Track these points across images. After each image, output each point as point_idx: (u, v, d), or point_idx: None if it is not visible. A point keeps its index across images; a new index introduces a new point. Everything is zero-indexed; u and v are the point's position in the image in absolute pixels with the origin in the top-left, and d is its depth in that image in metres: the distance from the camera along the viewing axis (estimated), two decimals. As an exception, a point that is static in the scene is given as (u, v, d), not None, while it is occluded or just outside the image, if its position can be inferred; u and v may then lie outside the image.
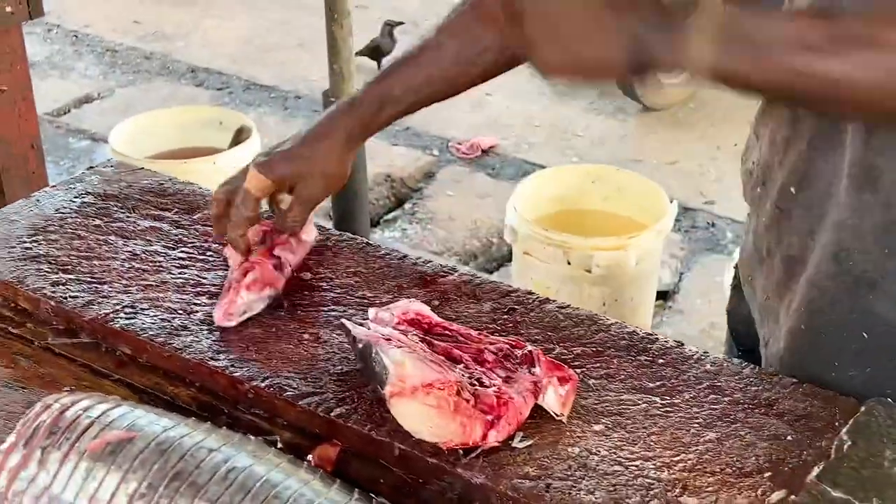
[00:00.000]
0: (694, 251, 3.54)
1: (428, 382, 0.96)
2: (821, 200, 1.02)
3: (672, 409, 1.03)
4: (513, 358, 1.05)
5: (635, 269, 2.40)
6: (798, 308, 1.06)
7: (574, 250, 2.38)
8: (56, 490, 0.86)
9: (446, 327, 1.09)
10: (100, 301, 1.18)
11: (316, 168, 1.21)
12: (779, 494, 0.92)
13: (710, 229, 3.66)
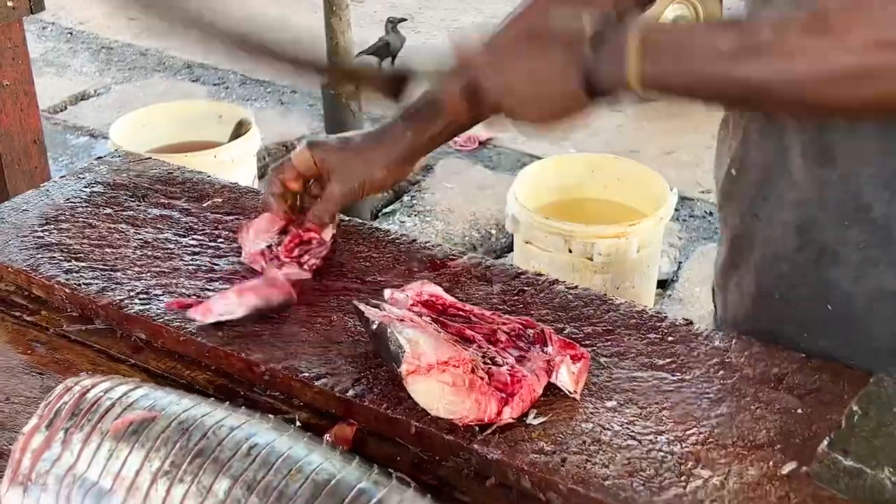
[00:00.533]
0: (692, 240, 3.56)
1: (443, 360, 0.97)
2: (760, 183, 1.08)
3: (683, 384, 1.04)
4: (525, 337, 1.06)
5: (637, 257, 2.42)
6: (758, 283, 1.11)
7: (576, 238, 2.39)
8: (80, 470, 0.87)
9: (459, 308, 1.10)
10: (113, 287, 1.19)
11: (359, 167, 1.22)
12: (790, 465, 0.94)
13: (708, 218, 3.68)
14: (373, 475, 0.86)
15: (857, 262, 1.02)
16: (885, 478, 0.86)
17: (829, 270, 1.04)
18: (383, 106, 1.17)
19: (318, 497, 0.82)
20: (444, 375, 0.96)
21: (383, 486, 0.84)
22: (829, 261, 1.04)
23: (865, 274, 1.02)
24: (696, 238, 3.57)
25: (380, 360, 1.06)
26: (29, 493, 0.88)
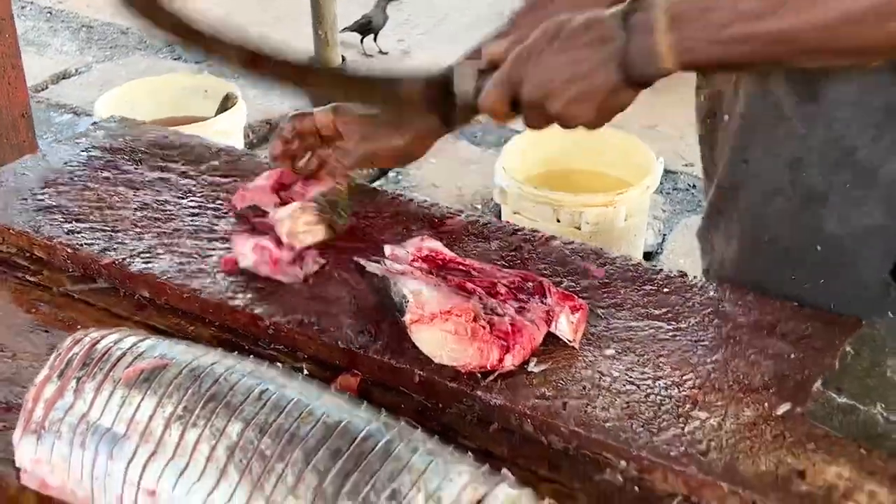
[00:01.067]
0: (675, 212, 3.59)
1: (446, 309, 0.99)
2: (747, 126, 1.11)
3: (678, 333, 1.07)
4: (524, 290, 1.08)
5: (624, 225, 2.44)
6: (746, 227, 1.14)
7: (564, 208, 2.41)
8: (93, 417, 0.89)
9: (459, 262, 1.12)
10: (115, 247, 1.21)
11: (380, 133, 1.23)
12: (785, 407, 0.97)
13: (691, 191, 3.71)
14: (381, 418, 0.88)
15: (843, 203, 1.05)
16: (877, 413, 0.89)
17: (818, 212, 1.07)
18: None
19: (330, 438, 0.84)
20: (447, 324, 0.99)
21: (392, 427, 0.87)
22: (817, 202, 1.07)
23: (851, 215, 1.04)
24: (680, 211, 3.60)
25: (382, 313, 1.08)
26: (42, 441, 0.90)
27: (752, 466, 0.90)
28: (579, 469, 0.95)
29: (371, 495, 0.80)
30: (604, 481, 0.93)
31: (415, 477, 0.81)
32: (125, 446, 0.87)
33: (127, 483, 0.86)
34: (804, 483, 0.88)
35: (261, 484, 0.82)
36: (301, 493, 0.81)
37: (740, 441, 0.93)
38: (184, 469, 0.84)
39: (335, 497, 0.81)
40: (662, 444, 0.93)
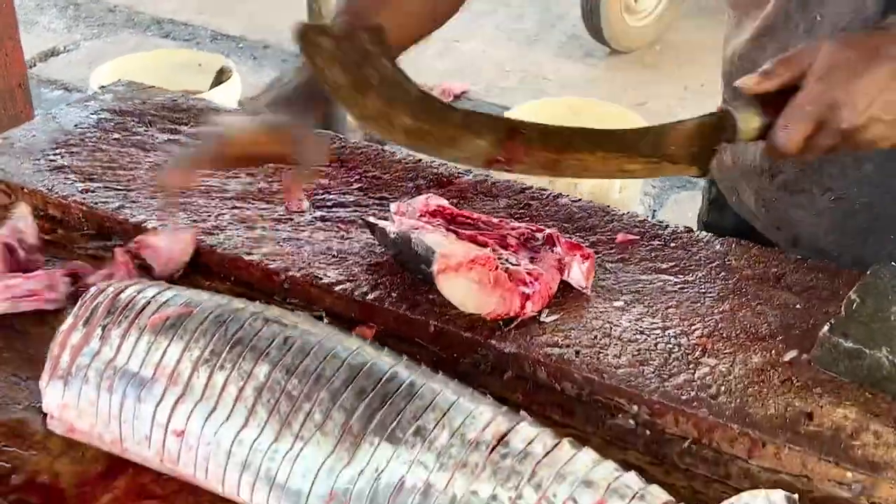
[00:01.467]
0: (665, 189, 3.63)
1: (471, 258, 1.01)
2: None
3: (686, 285, 1.10)
4: (534, 241, 1.11)
5: (618, 198, 2.47)
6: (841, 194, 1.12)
7: (559, 180, 2.43)
8: (120, 362, 0.91)
9: (468, 216, 1.14)
10: (129, 206, 1.22)
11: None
12: (791, 353, 1.00)
13: (681, 167, 3.75)
14: (403, 361, 0.90)
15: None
16: (883, 357, 0.92)
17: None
18: None
19: (355, 378, 0.86)
20: (472, 273, 1.01)
21: (414, 370, 0.89)
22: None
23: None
24: (670, 187, 3.64)
25: (394, 267, 1.10)
26: (70, 386, 0.92)
27: (761, 409, 0.93)
28: (592, 414, 0.97)
29: (397, 432, 0.83)
30: (616, 425, 0.96)
31: (439, 415, 0.84)
32: (153, 389, 0.88)
33: (155, 424, 0.88)
34: (812, 424, 0.91)
35: (289, 422, 0.84)
36: (329, 430, 0.83)
37: (749, 386, 0.96)
38: (212, 410, 0.86)
39: (362, 433, 0.83)
40: (673, 389, 0.96)
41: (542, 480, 0.79)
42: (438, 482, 0.80)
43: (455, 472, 0.80)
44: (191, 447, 0.87)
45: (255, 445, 0.84)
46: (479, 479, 0.80)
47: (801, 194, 1.18)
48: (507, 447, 0.82)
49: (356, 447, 0.83)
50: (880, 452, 0.88)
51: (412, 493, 0.80)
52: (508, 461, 0.81)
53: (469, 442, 0.82)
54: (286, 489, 0.83)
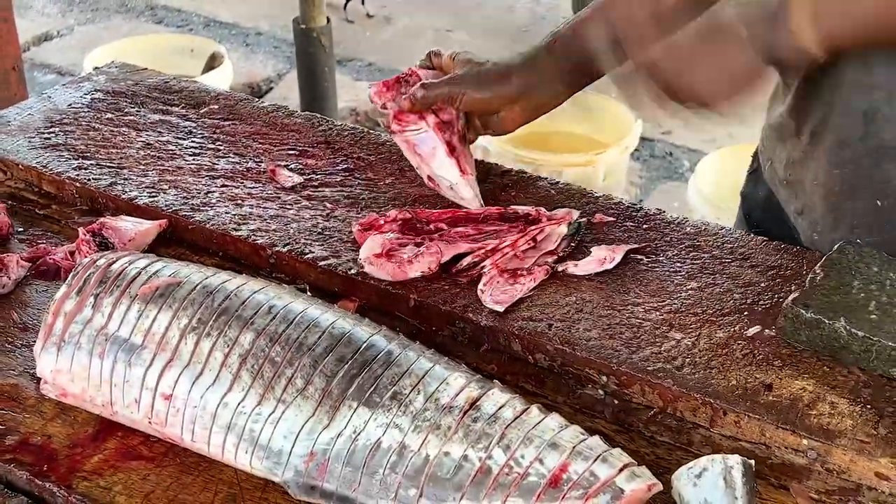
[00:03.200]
0: (652, 179, 3.67)
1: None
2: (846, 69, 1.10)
3: (656, 265, 1.14)
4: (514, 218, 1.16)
5: (603, 185, 2.51)
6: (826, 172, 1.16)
7: (544, 167, 2.48)
8: (111, 329, 0.95)
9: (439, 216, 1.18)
10: (121, 182, 1.26)
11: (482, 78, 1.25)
12: (755, 329, 1.04)
13: (668, 158, 3.79)
14: (382, 331, 0.95)
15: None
16: (841, 327, 0.96)
17: (887, 166, 1.09)
18: None
19: (336, 346, 0.90)
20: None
21: (393, 339, 0.93)
22: (888, 157, 1.09)
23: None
24: (657, 177, 3.68)
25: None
26: (63, 352, 0.96)
27: (724, 381, 0.98)
28: (563, 385, 1.02)
29: (374, 396, 0.87)
30: (585, 395, 1.01)
31: (414, 381, 0.88)
32: (143, 355, 0.93)
33: (144, 389, 0.92)
34: (771, 395, 0.96)
35: (272, 386, 0.88)
36: (310, 393, 0.88)
37: (713, 359, 1.00)
38: (199, 375, 0.90)
39: (341, 398, 0.87)
40: (640, 361, 1.00)
41: (511, 442, 0.84)
42: (413, 443, 0.85)
43: (429, 434, 0.85)
44: (178, 410, 0.91)
45: (239, 408, 0.89)
46: (451, 440, 0.84)
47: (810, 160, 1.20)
48: (479, 411, 0.86)
49: (335, 410, 0.87)
50: (835, 421, 0.93)
51: (388, 454, 0.85)
52: (479, 424, 0.85)
53: (442, 406, 0.86)
54: (268, 449, 0.87)
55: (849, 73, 1.10)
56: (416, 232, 1.15)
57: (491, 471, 0.83)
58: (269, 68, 4.37)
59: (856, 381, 0.97)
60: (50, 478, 0.90)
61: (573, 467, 0.82)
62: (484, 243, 1.13)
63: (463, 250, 1.12)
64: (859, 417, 0.93)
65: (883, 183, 1.12)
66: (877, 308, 0.99)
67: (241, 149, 1.35)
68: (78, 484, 0.90)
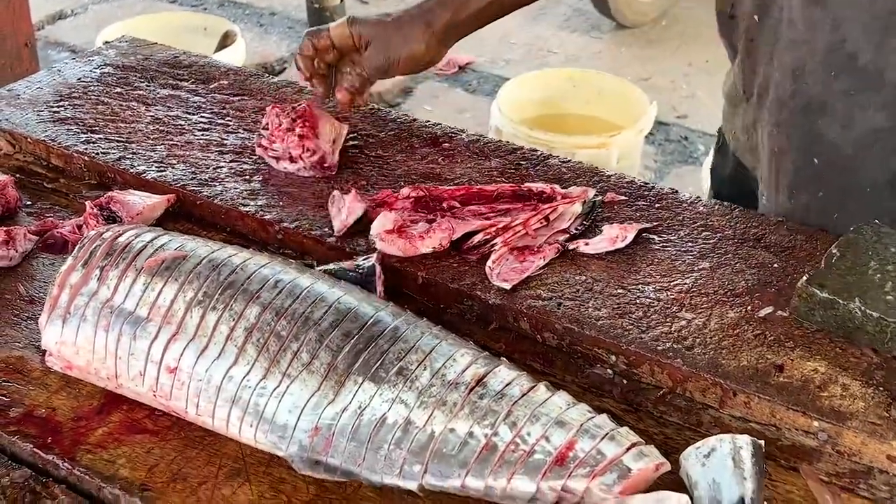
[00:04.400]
0: (667, 163, 3.65)
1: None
2: (777, 24, 1.11)
3: (668, 244, 1.13)
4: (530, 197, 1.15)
5: (617, 168, 2.49)
6: (769, 132, 1.16)
7: (558, 149, 2.45)
8: (117, 302, 0.94)
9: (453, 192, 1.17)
10: (130, 157, 1.25)
11: (398, 40, 1.26)
12: (767, 310, 1.03)
13: (683, 142, 3.76)
14: (390, 306, 0.94)
15: (845, 110, 1.08)
16: (856, 308, 0.95)
17: (817, 122, 1.10)
18: None
19: (342, 321, 0.89)
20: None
21: (400, 315, 0.92)
22: (817, 111, 1.10)
23: (853, 120, 1.08)
24: (672, 161, 3.65)
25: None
26: (68, 324, 0.95)
27: (734, 361, 0.96)
28: (571, 364, 1.01)
29: (380, 372, 0.86)
30: (594, 374, 1.00)
31: (421, 357, 0.87)
32: (148, 328, 0.92)
33: (149, 361, 0.91)
34: (782, 376, 0.95)
35: (277, 360, 0.88)
36: (315, 368, 0.87)
37: (723, 339, 0.99)
38: (204, 348, 0.90)
39: (347, 372, 0.86)
40: (650, 340, 0.99)
41: (518, 419, 0.83)
42: (418, 419, 0.84)
43: (434, 410, 0.84)
44: (183, 383, 0.90)
45: (244, 382, 0.88)
46: (457, 417, 0.84)
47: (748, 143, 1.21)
48: (485, 388, 0.85)
49: (341, 385, 0.86)
50: (846, 403, 0.92)
51: (393, 429, 0.84)
52: (486, 401, 0.84)
53: (449, 382, 0.86)
54: (273, 423, 0.87)
55: (781, 30, 1.10)
56: (429, 209, 1.14)
57: (497, 448, 0.82)
58: (283, 48, 4.35)
59: (868, 363, 0.96)
60: (54, 450, 0.90)
61: (580, 445, 0.81)
62: (495, 220, 1.12)
63: (474, 227, 1.11)
64: (871, 399, 0.92)
65: (816, 140, 1.11)
66: (893, 289, 0.97)
67: (251, 124, 1.34)
68: (82, 456, 0.89)
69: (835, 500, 0.86)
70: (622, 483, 0.79)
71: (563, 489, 0.80)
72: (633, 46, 4.33)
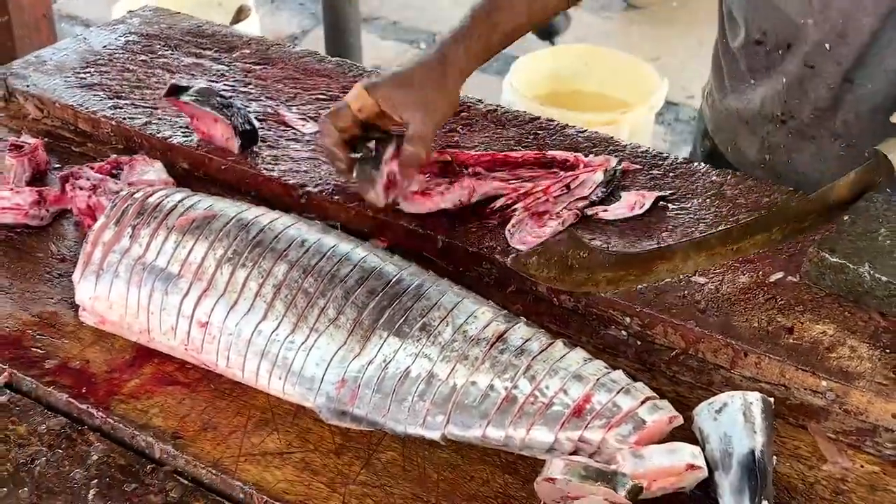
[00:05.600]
0: (676, 143, 3.66)
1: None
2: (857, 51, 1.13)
3: (682, 212, 1.16)
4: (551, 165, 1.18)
5: (626, 144, 2.51)
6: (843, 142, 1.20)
7: (568, 116, 2.48)
8: (149, 259, 0.97)
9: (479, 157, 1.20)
10: (156, 122, 1.28)
11: (437, 97, 1.11)
12: (777, 275, 1.06)
13: (692, 122, 3.79)
14: (412, 266, 0.97)
15: None
16: (865, 272, 0.98)
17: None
18: None
19: (367, 279, 0.93)
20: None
21: (422, 274, 0.96)
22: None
23: None
24: (681, 141, 3.67)
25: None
26: (101, 280, 0.98)
27: (745, 323, 0.99)
28: (586, 325, 1.04)
29: (404, 327, 0.89)
30: (609, 335, 1.03)
31: (443, 313, 0.90)
32: (179, 284, 0.95)
33: (181, 316, 0.95)
34: (792, 338, 0.98)
35: (305, 316, 0.91)
36: (341, 323, 0.90)
37: (735, 303, 1.02)
38: (234, 304, 0.93)
39: (372, 328, 0.90)
40: (664, 303, 1.02)
41: (537, 374, 0.86)
42: (441, 372, 0.87)
43: (457, 364, 0.87)
44: (213, 337, 0.94)
45: (273, 336, 0.91)
46: (478, 370, 0.87)
47: (811, 141, 1.23)
48: (505, 343, 0.88)
49: (366, 340, 0.90)
50: (854, 364, 0.95)
51: (416, 382, 0.87)
52: (506, 356, 0.87)
53: (470, 338, 0.89)
54: (301, 376, 0.90)
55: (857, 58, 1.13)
56: (454, 175, 1.17)
57: (516, 400, 0.85)
58: (295, 25, 4.37)
59: (876, 326, 0.99)
60: (89, 400, 0.93)
61: (596, 398, 0.84)
62: (518, 186, 1.15)
63: (494, 188, 1.14)
64: (878, 361, 0.95)
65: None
66: (900, 256, 1.00)
67: (273, 93, 1.36)
68: (116, 406, 0.93)
69: (841, 456, 0.89)
70: (637, 434, 0.82)
71: (580, 440, 0.83)
72: (643, 26, 4.34)
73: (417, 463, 0.87)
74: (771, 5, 1.18)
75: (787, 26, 1.18)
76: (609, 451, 0.83)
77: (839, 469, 0.88)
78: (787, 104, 1.22)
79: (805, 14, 1.16)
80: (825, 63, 1.16)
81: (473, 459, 0.88)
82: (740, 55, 1.28)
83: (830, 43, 1.15)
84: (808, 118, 1.21)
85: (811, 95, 1.20)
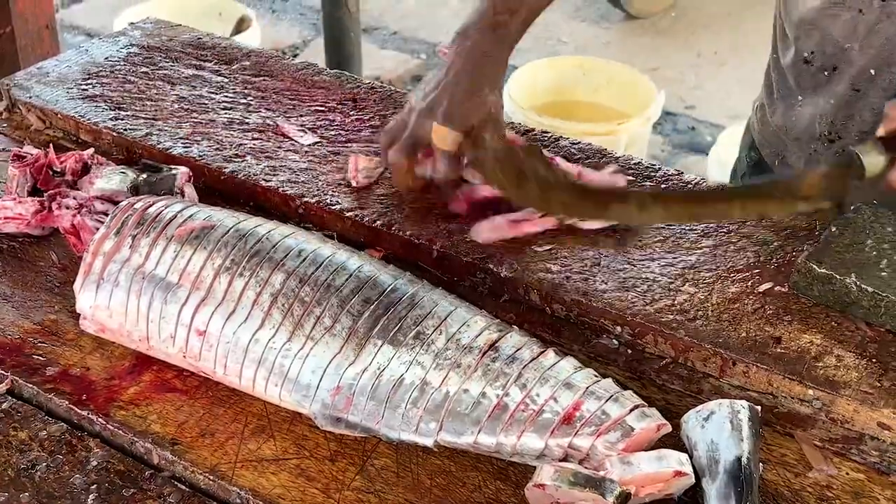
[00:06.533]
0: (674, 153, 3.69)
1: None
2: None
3: (673, 223, 1.17)
4: None
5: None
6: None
7: (566, 136, 2.50)
8: (149, 268, 0.99)
9: None
10: (156, 133, 1.30)
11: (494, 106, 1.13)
12: (766, 285, 1.07)
13: (690, 132, 3.81)
14: (406, 276, 0.99)
15: None
16: (851, 283, 1.00)
17: None
18: None
19: (362, 288, 0.95)
20: None
21: (416, 283, 0.97)
22: None
23: None
24: (679, 151, 3.70)
25: (401, 196, 1.19)
26: (102, 289, 1.00)
27: (734, 332, 1.01)
28: (579, 334, 1.06)
29: (398, 335, 0.91)
30: (600, 344, 1.05)
31: (437, 322, 0.92)
32: (178, 293, 0.97)
33: (180, 325, 0.96)
34: (779, 347, 1.00)
35: (301, 324, 0.93)
36: (337, 331, 0.92)
37: (724, 312, 1.04)
38: (232, 312, 0.95)
39: (367, 336, 0.92)
40: (654, 313, 1.04)
41: (528, 381, 0.88)
42: (434, 380, 0.89)
43: (449, 371, 0.89)
44: (211, 345, 0.95)
45: (269, 344, 0.93)
46: (470, 378, 0.89)
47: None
48: (498, 352, 0.90)
49: (361, 348, 0.91)
50: (840, 373, 0.97)
51: (410, 389, 0.89)
52: (498, 364, 0.89)
53: (463, 346, 0.91)
54: (297, 383, 0.92)
55: None
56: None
57: (507, 407, 0.87)
58: (295, 35, 4.40)
59: (862, 336, 1.00)
60: (88, 406, 0.95)
61: (586, 406, 0.86)
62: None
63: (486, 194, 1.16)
64: (864, 370, 0.97)
65: None
66: (888, 266, 1.02)
67: (272, 104, 1.38)
68: (115, 413, 0.95)
69: (827, 463, 0.91)
70: (625, 441, 0.84)
71: (569, 446, 0.85)
72: (642, 37, 4.37)
73: (411, 469, 0.89)
74: (818, 26, 1.20)
75: (834, 49, 1.20)
76: (598, 457, 0.84)
77: (825, 476, 0.90)
78: (834, 125, 1.24)
79: (850, 39, 1.17)
80: (871, 88, 1.18)
81: (466, 466, 0.89)
82: (790, 72, 1.29)
83: (875, 69, 1.16)
84: (853, 140, 1.22)
85: (857, 118, 1.21)
